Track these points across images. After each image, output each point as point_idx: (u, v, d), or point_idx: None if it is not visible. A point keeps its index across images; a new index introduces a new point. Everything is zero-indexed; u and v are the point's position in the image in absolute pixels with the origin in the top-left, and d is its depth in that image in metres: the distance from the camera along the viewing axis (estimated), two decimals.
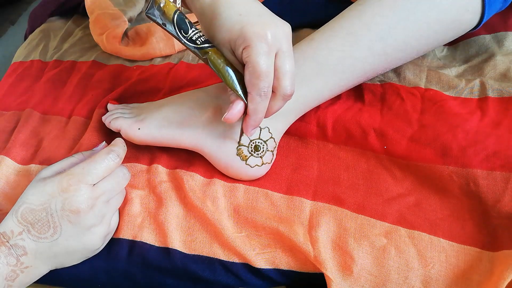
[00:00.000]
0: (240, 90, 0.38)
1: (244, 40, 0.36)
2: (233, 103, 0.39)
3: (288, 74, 0.38)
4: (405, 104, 0.49)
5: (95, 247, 0.41)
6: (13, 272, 0.36)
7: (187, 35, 0.37)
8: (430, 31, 0.46)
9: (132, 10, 0.69)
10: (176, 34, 0.37)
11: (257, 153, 0.45)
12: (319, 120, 0.49)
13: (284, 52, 0.37)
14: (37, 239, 0.37)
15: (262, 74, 0.36)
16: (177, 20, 0.37)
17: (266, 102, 0.38)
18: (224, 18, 0.37)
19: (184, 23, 0.38)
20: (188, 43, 0.38)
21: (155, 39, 0.62)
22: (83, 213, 0.37)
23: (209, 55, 0.38)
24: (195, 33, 0.38)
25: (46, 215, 0.37)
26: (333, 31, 0.46)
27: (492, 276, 0.38)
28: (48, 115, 0.56)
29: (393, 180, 0.46)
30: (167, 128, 0.46)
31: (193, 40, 0.38)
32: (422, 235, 0.42)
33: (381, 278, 0.39)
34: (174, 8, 0.38)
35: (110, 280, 0.43)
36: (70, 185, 0.37)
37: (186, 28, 0.37)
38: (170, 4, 0.38)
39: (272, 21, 0.37)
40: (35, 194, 0.37)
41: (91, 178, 0.38)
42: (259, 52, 0.36)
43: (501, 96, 0.49)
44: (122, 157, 0.41)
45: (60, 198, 0.37)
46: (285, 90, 0.38)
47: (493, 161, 0.42)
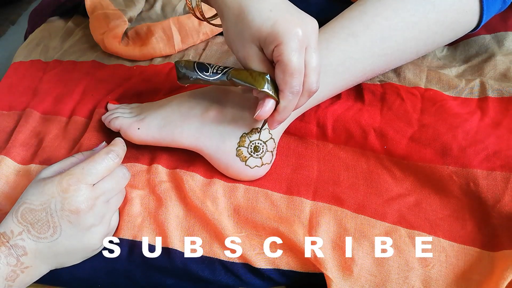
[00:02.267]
0: (271, 90, 0.38)
1: (276, 37, 0.35)
2: (264, 100, 0.38)
3: (315, 70, 0.38)
4: (405, 104, 0.49)
5: (95, 247, 0.41)
6: (13, 272, 0.36)
7: (208, 73, 0.41)
8: (430, 32, 0.46)
9: (132, 10, 0.69)
10: (202, 78, 0.41)
11: (257, 154, 0.45)
12: (319, 120, 0.49)
13: (313, 48, 0.37)
14: (37, 239, 0.37)
15: (296, 72, 0.36)
16: (197, 68, 0.42)
17: (296, 98, 0.38)
18: (253, 13, 0.36)
19: (203, 66, 0.42)
20: (213, 77, 0.41)
21: (155, 39, 0.62)
22: (83, 213, 0.37)
23: (233, 75, 0.39)
24: (214, 67, 0.41)
25: (46, 215, 0.37)
26: (334, 32, 0.46)
27: (492, 276, 0.38)
28: (48, 115, 0.56)
29: (393, 180, 0.46)
30: (167, 128, 0.46)
31: (215, 72, 0.41)
32: (422, 235, 0.42)
33: (381, 278, 0.39)
34: (191, 61, 0.43)
35: (110, 280, 0.43)
36: (69, 185, 0.37)
37: (206, 68, 0.41)
38: (188, 60, 0.43)
39: (302, 17, 0.37)
40: (35, 194, 0.37)
41: (91, 178, 0.38)
42: (292, 49, 0.35)
43: (501, 96, 0.49)
44: (121, 157, 0.41)
45: (60, 198, 0.37)
46: (312, 86, 0.38)
47: (493, 161, 0.42)
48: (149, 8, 0.72)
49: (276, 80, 0.38)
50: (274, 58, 0.37)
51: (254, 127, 0.44)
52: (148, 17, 0.70)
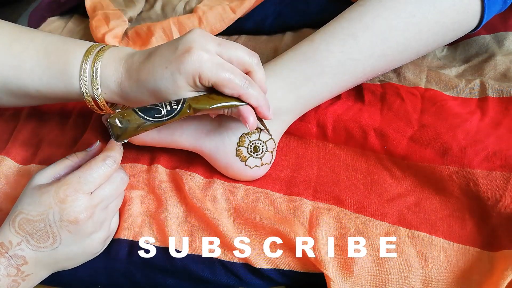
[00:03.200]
0: (235, 101, 0.38)
1: (192, 75, 0.36)
2: (242, 114, 0.39)
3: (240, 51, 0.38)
4: (405, 104, 0.49)
5: (96, 251, 0.41)
6: (15, 282, 0.36)
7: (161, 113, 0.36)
8: (430, 33, 0.46)
9: (132, 10, 0.69)
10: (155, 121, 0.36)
11: (257, 154, 0.45)
12: (319, 120, 0.49)
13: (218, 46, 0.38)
14: (37, 248, 0.37)
15: (231, 75, 0.37)
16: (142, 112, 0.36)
17: (254, 85, 0.39)
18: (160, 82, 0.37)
19: (148, 109, 0.36)
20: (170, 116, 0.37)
21: (155, 39, 0.62)
22: (82, 222, 0.37)
23: (192, 104, 0.37)
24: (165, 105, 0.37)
25: (45, 225, 0.36)
26: (334, 32, 0.46)
27: (492, 276, 0.38)
28: (48, 114, 0.56)
29: (393, 180, 0.46)
30: (166, 129, 0.46)
31: (170, 110, 0.37)
32: (422, 235, 0.42)
33: (381, 278, 0.39)
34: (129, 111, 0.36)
35: (110, 280, 0.43)
36: (67, 195, 0.36)
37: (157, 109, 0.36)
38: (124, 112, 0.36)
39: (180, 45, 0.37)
40: (31, 204, 0.37)
41: (88, 187, 0.37)
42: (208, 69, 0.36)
43: (501, 96, 0.49)
44: (119, 162, 0.40)
45: (58, 209, 0.36)
46: (251, 60, 0.39)
47: (493, 161, 0.42)
48: (149, 8, 0.72)
49: (226, 94, 0.38)
50: (206, 85, 0.38)
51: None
52: (148, 17, 0.70)
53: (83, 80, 0.39)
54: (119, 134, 0.36)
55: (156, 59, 0.38)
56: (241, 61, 0.38)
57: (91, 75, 0.39)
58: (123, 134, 0.36)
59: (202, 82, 0.37)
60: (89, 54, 0.39)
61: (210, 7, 0.64)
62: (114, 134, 0.36)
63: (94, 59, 0.39)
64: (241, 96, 0.38)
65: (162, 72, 0.37)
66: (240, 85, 0.38)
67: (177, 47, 0.37)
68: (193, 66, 0.36)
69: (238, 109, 0.39)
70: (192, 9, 0.68)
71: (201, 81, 0.37)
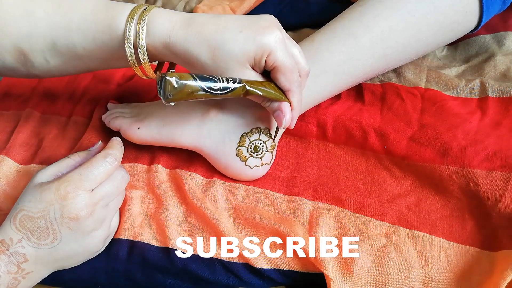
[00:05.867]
0: (281, 95, 0.39)
1: (263, 50, 0.36)
2: (282, 109, 0.39)
3: (301, 55, 0.39)
4: (405, 104, 0.49)
5: (96, 249, 0.41)
6: (15, 279, 0.36)
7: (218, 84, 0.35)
8: (430, 33, 0.46)
9: None
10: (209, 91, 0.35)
11: (257, 154, 0.45)
12: (319, 120, 0.49)
13: (287, 39, 0.38)
14: (37, 245, 0.37)
15: (293, 68, 0.38)
16: (200, 79, 0.34)
17: (301, 89, 0.40)
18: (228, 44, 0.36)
19: (206, 78, 0.35)
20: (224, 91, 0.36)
21: None
22: (83, 219, 0.37)
23: (247, 86, 0.37)
24: (221, 79, 0.36)
25: (45, 222, 0.36)
26: (334, 32, 0.46)
27: (492, 276, 0.38)
28: (48, 115, 0.56)
29: (393, 180, 0.46)
30: (166, 128, 0.46)
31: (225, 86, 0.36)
32: (422, 235, 0.42)
33: (381, 278, 0.39)
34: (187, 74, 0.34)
35: (110, 280, 0.43)
36: (68, 192, 0.36)
37: (214, 80, 0.35)
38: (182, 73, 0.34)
39: (262, 20, 0.38)
40: (32, 201, 0.37)
41: (89, 184, 0.37)
42: (281, 51, 0.37)
43: (501, 96, 0.49)
44: (120, 160, 0.40)
45: (59, 206, 0.36)
46: (305, 69, 0.40)
47: (493, 161, 0.42)
48: None
49: (278, 83, 0.39)
50: (269, 66, 0.38)
51: (254, 127, 0.45)
52: None
53: (128, 26, 0.37)
54: (171, 94, 0.34)
55: (230, 19, 0.38)
56: (297, 62, 0.39)
57: (137, 21, 0.37)
58: (175, 95, 0.34)
59: (268, 60, 0.37)
60: (139, 8, 0.38)
61: (210, 7, 0.64)
62: (166, 92, 0.34)
63: (143, 11, 0.38)
64: (290, 91, 0.39)
65: (235, 33, 0.37)
66: (296, 80, 0.38)
67: (258, 19, 0.37)
68: (269, 41, 0.36)
69: (278, 104, 0.39)
70: (192, 9, 0.68)
71: (267, 59, 0.37)
